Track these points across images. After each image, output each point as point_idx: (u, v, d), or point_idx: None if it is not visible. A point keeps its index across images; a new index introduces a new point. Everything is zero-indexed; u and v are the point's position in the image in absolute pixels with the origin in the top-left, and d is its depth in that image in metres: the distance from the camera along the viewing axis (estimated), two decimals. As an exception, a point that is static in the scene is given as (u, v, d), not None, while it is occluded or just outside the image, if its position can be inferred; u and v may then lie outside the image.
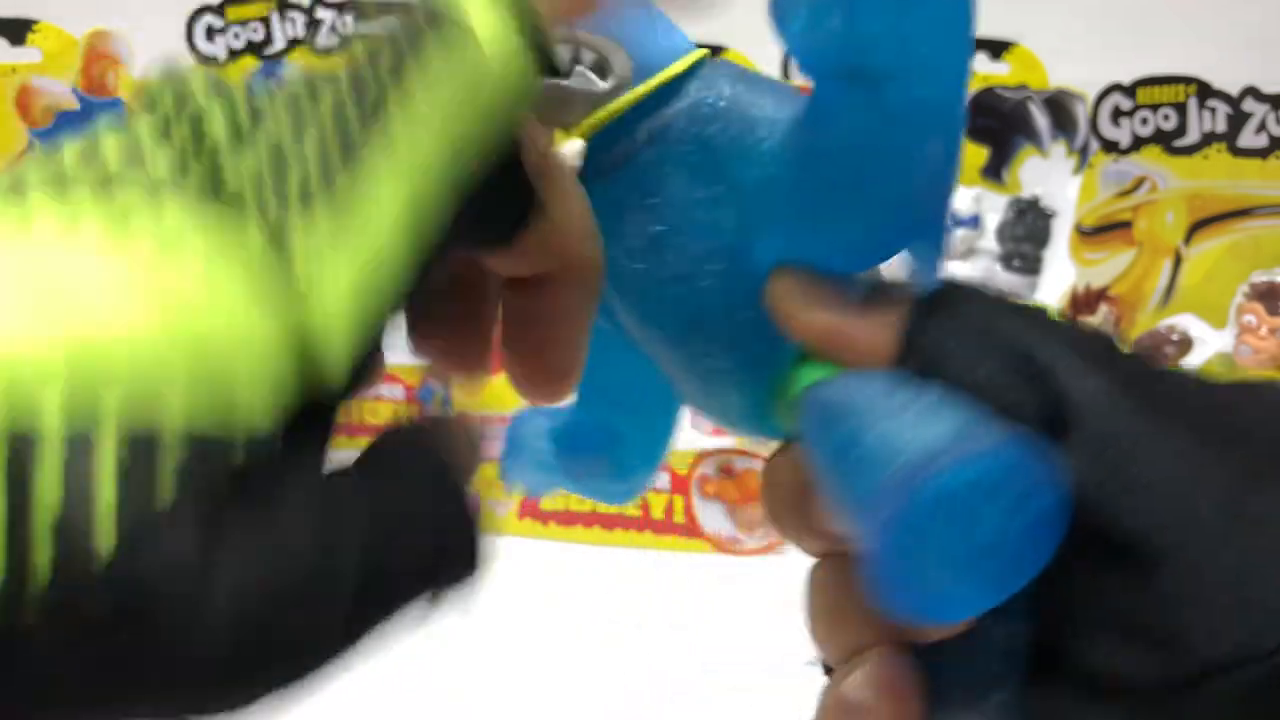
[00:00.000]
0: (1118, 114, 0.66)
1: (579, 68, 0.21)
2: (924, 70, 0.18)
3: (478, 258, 0.20)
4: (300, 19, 0.76)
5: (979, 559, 0.16)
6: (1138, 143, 0.65)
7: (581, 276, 0.20)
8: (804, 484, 0.20)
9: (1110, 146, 0.66)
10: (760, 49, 0.72)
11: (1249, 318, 0.60)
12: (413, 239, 0.16)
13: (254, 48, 0.77)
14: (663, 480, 0.71)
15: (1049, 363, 0.18)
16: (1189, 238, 0.64)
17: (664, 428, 0.25)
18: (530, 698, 0.55)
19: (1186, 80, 0.64)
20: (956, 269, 0.79)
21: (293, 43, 0.77)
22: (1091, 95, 0.68)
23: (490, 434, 0.19)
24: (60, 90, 0.60)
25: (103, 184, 0.14)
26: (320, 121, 0.16)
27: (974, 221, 0.78)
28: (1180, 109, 0.64)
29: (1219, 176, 0.63)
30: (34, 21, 0.60)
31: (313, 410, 0.15)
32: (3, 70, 0.59)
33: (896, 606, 0.17)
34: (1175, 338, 0.64)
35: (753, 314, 0.21)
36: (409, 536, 0.16)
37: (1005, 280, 0.79)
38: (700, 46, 0.74)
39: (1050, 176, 0.77)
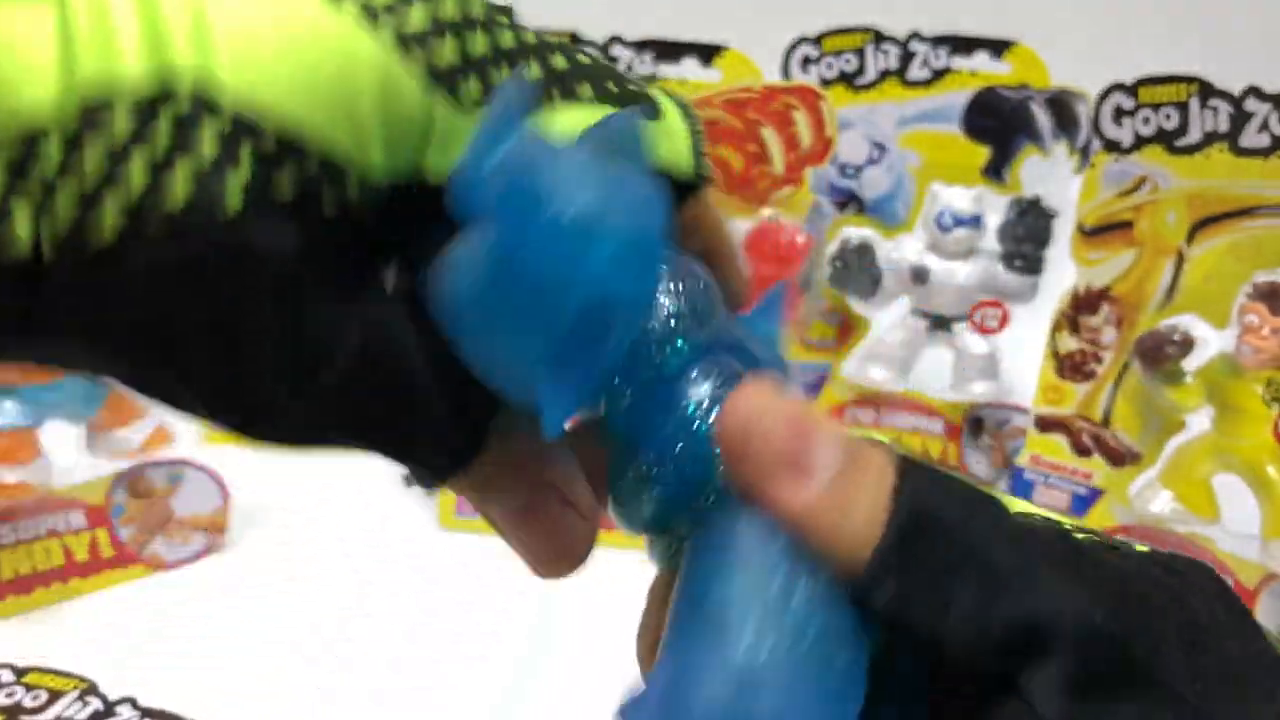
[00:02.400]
0: (1119, 113, 0.65)
1: None
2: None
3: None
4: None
5: None
6: (1139, 142, 0.65)
7: None
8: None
9: (1112, 146, 0.66)
10: (760, 49, 0.72)
11: (1251, 318, 0.60)
12: None
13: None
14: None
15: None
16: (1191, 237, 0.64)
17: None
18: (529, 696, 0.55)
19: (1188, 80, 0.64)
20: (957, 269, 0.79)
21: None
22: (1093, 94, 0.68)
23: None
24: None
25: None
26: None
27: (975, 221, 0.78)
28: (1182, 108, 0.64)
29: (1221, 176, 0.63)
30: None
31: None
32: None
33: None
34: (1177, 338, 0.63)
35: None
36: None
37: (1006, 280, 0.79)
38: (701, 46, 0.73)
39: (1051, 176, 0.77)
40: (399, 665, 0.57)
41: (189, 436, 0.65)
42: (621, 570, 0.68)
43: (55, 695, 0.51)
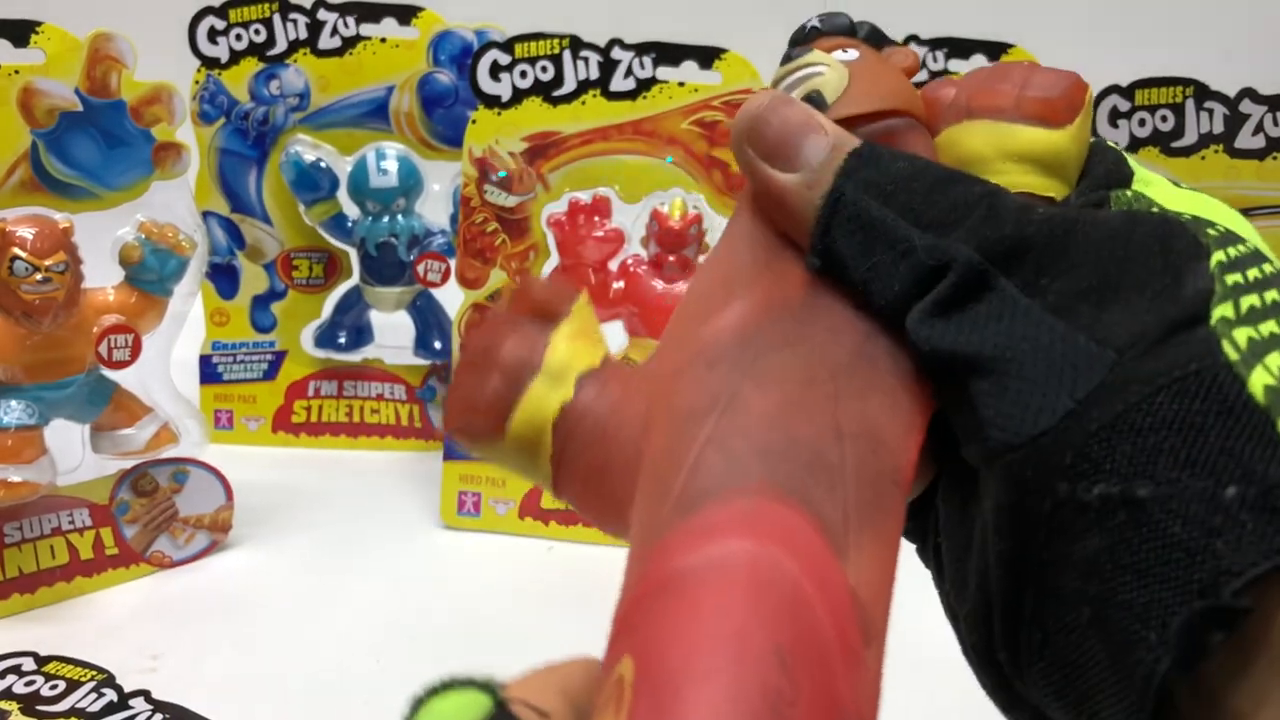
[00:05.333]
0: (1115, 115, 0.66)
1: None
2: None
3: None
4: (302, 20, 0.77)
5: None
6: (1135, 144, 0.65)
7: None
8: None
9: (1108, 148, 0.66)
10: (760, 52, 0.73)
11: (1246, 318, 0.61)
12: None
13: (256, 49, 0.77)
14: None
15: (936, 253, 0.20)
16: (1186, 238, 0.64)
17: None
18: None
19: (1184, 82, 0.65)
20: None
21: (294, 44, 0.77)
22: (1089, 96, 0.68)
23: None
24: (63, 91, 0.60)
25: None
26: None
27: (972, 222, 0.79)
28: (1178, 110, 0.64)
29: (1216, 178, 0.63)
30: (37, 23, 0.60)
31: None
32: (6, 72, 0.59)
33: None
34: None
35: None
36: None
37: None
38: (701, 48, 0.74)
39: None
40: (399, 662, 0.57)
41: (194, 436, 0.66)
42: (617, 569, 0.69)
43: (73, 685, 0.51)
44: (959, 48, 0.78)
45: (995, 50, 0.78)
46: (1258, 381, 0.17)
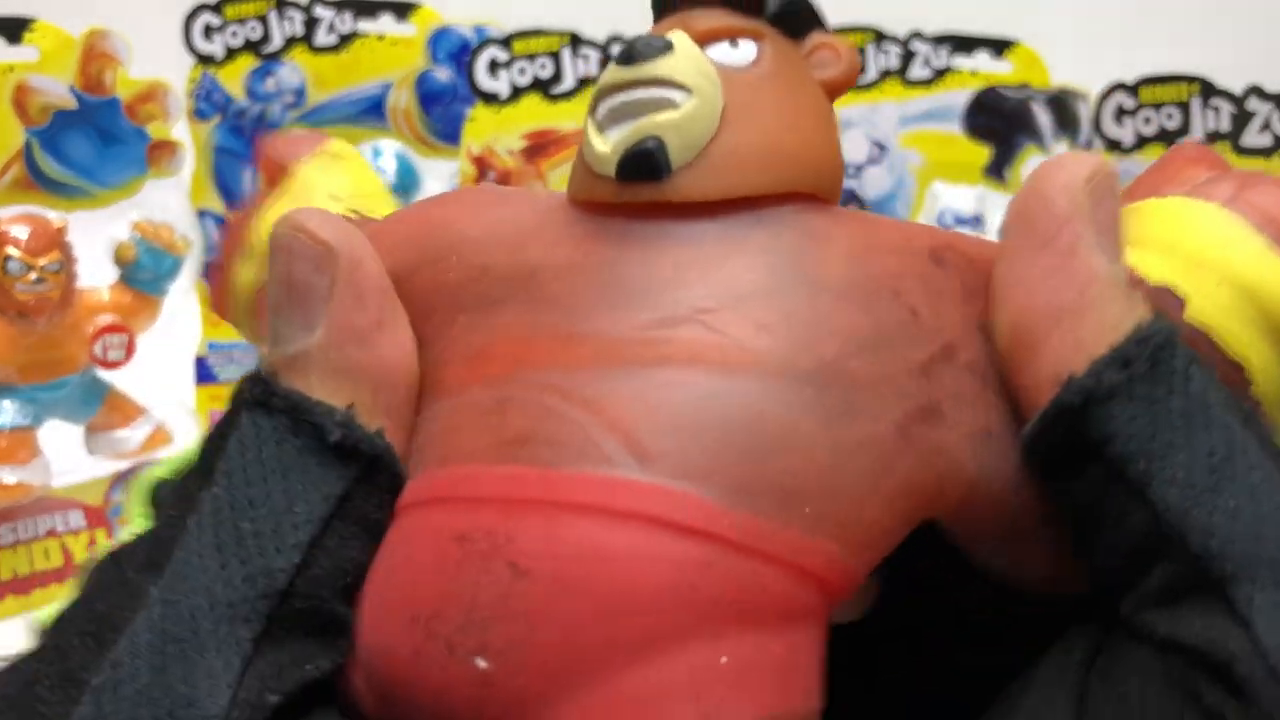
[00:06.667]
0: (1121, 113, 0.65)
1: None
2: None
3: None
4: (299, 17, 0.76)
5: None
6: (1141, 142, 0.65)
7: None
8: None
9: (1113, 145, 0.66)
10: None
11: (1253, 318, 0.60)
12: None
13: (252, 46, 0.76)
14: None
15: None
16: (1192, 237, 0.64)
17: None
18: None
19: (1190, 79, 0.64)
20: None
21: (290, 41, 0.77)
22: (1094, 94, 0.68)
23: None
24: (58, 89, 0.60)
25: None
26: None
27: (976, 221, 0.78)
28: (1184, 108, 0.64)
29: (1222, 176, 0.63)
30: (30, 20, 0.59)
31: None
32: (0, 69, 0.58)
33: None
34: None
35: None
36: None
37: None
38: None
39: (1053, 176, 0.77)
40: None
41: (189, 437, 0.65)
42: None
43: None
44: (962, 43, 0.78)
45: (999, 47, 0.77)
46: None
